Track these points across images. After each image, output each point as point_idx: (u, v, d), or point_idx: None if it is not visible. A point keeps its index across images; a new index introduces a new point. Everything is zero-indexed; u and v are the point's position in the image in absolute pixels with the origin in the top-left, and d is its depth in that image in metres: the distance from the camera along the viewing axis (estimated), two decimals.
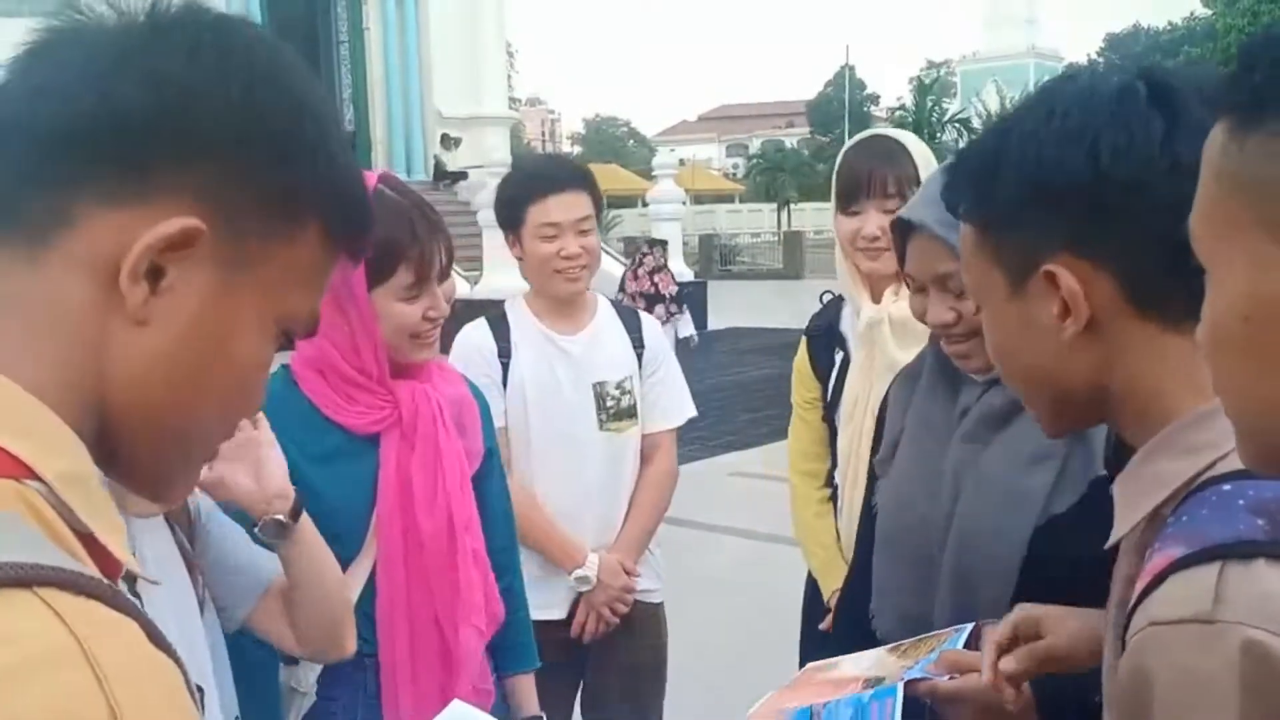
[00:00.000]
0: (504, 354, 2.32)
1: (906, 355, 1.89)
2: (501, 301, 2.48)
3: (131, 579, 1.23)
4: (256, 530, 1.40)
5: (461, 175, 18.34)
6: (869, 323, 2.08)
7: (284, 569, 1.43)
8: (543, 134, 65.57)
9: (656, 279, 10.70)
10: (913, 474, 1.47)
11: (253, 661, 1.58)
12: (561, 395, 2.32)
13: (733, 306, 17.19)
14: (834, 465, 2.23)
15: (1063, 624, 1.12)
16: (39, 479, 0.55)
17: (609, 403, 2.36)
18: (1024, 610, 1.15)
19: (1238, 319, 0.63)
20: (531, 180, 2.32)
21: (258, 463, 1.39)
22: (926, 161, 2.07)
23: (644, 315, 2.54)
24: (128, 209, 0.59)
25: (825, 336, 2.28)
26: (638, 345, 2.44)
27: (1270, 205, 0.59)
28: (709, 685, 3.45)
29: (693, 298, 15.02)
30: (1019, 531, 1.31)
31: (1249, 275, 0.61)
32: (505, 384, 2.32)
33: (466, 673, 1.71)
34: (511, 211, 2.30)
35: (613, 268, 16.01)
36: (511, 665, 1.95)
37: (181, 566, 1.33)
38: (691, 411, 2.55)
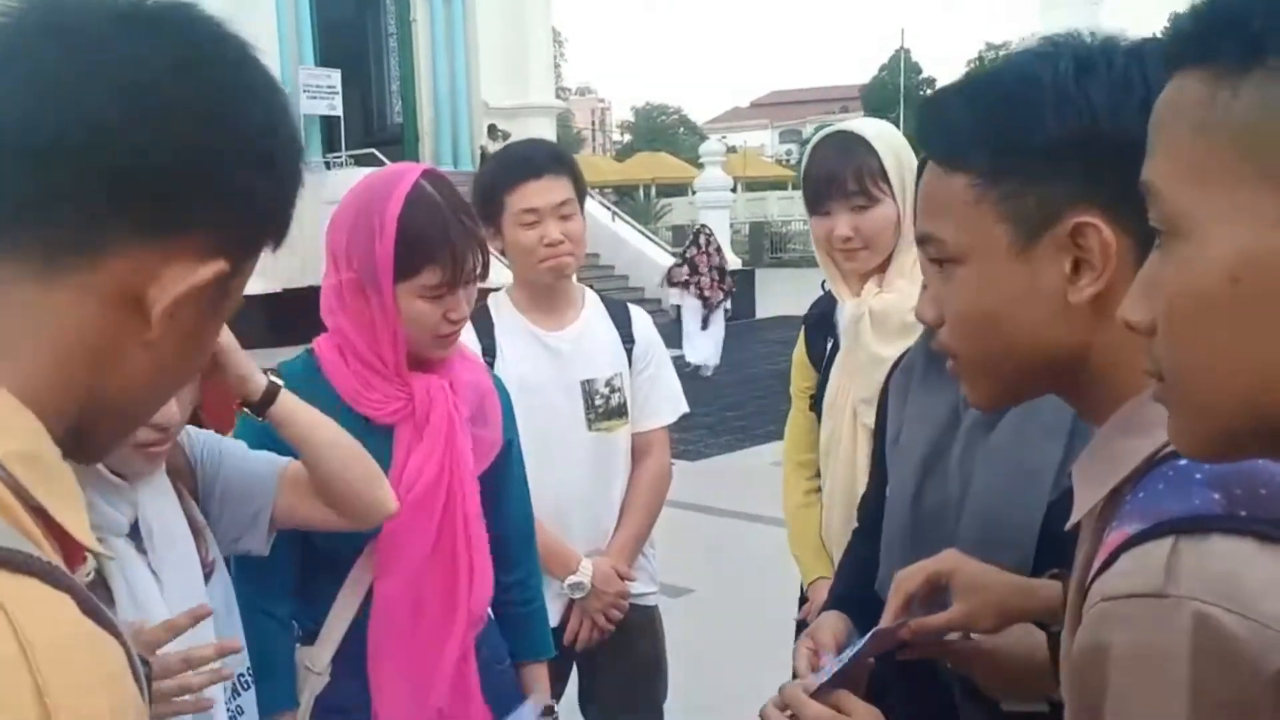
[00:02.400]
0: (488, 352, 2.26)
1: (887, 349, 1.87)
2: (484, 304, 2.42)
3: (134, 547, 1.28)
4: (245, 411, 1.46)
5: None
6: (851, 317, 2.06)
7: (299, 451, 1.50)
8: (592, 123, 65.58)
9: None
10: (919, 463, 1.45)
11: (268, 641, 1.63)
12: (548, 394, 2.26)
13: (782, 294, 17.07)
14: None
15: (973, 592, 1.14)
16: None
17: (598, 401, 2.31)
18: (942, 562, 1.17)
19: (1222, 281, 0.58)
20: (508, 168, 2.26)
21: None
22: (893, 149, 2.00)
23: (634, 308, 2.46)
24: (159, 244, 0.63)
25: (820, 324, 2.24)
26: (627, 340, 2.37)
27: (1274, 153, 0.56)
28: (749, 674, 3.45)
29: (741, 287, 14.98)
30: (1034, 507, 1.28)
31: (1244, 232, 0.57)
32: None
33: (460, 662, 1.73)
34: (489, 201, 2.24)
35: (659, 256, 16.07)
36: (526, 653, 1.97)
37: (188, 535, 1.38)
38: (684, 408, 2.47)
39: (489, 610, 1.86)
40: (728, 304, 11.57)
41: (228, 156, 0.65)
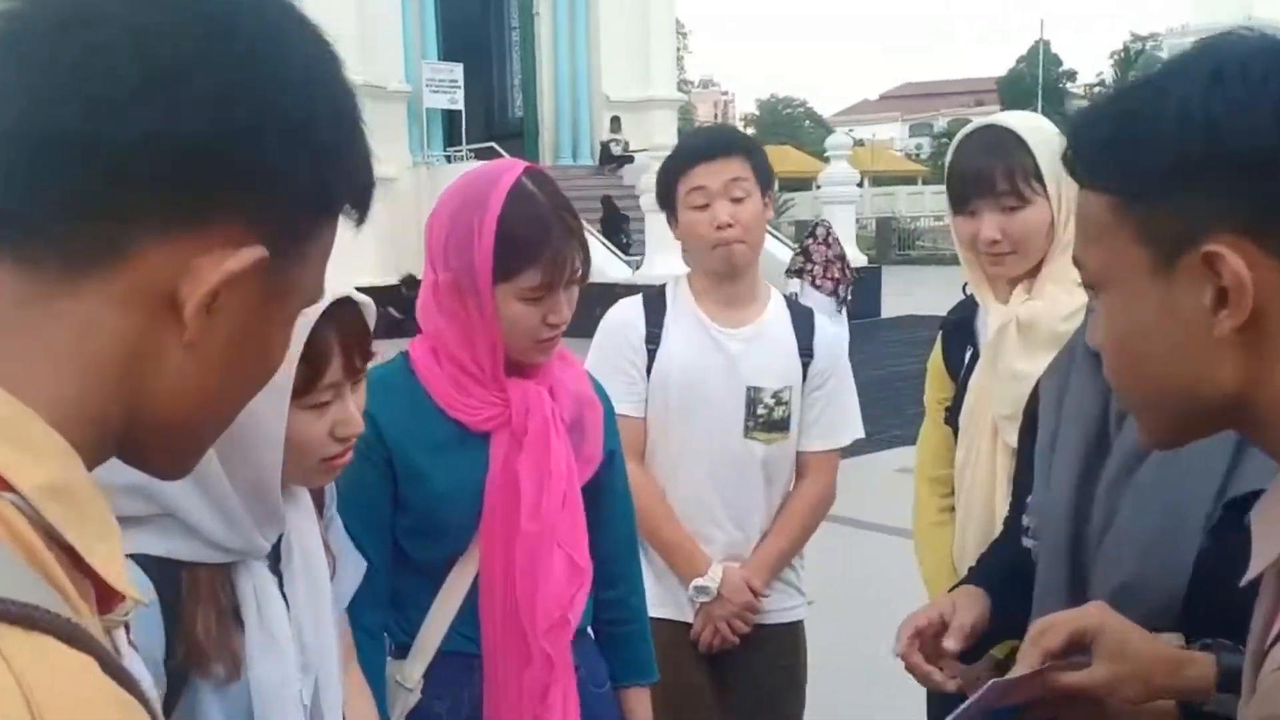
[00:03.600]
0: (652, 339, 2.22)
1: (1032, 363, 1.74)
2: (663, 286, 2.37)
3: (277, 557, 1.26)
4: None
5: (628, 159, 18.45)
6: (995, 325, 1.92)
7: None
8: (715, 116, 65.44)
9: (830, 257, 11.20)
10: (1078, 469, 1.34)
11: (361, 654, 1.60)
12: (710, 393, 2.19)
13: (908, 293, 16.73)
14: None
15: (1121, 659, 1.05)
16: (16, 491, 0.52)
17: (760, 410, 2.22)
18: (1087, 618, 1.08)
19: None
20: (683, 151, 2.23)
21: None
22: (1048, 145, 1.85)
23: (820, 319, 2.36)
24: (184, 239, 0.57)
25: (959, 332, 2.11)
26: (805, 353, 2.26)
27: None
28: (865, 693, 3.34)
29: (865, 284, 14.72)
30: (1184, 549, 1.17)
31: None
32: (650, 371, 2.23)
33: (563, 676, 1.67)
34: (665, 188, 2.21)
35: (780, 252, 15.88)
36: (627, 676, 1.90)
37: (323, 556, 1.35)
38: (858, 433, 2.36)
39: (589, 630, 1.80)
40: (847, 296, 11.68)
41: (252, 134, 0.58)
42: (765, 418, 2.22)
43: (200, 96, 0.56)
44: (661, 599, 2.21)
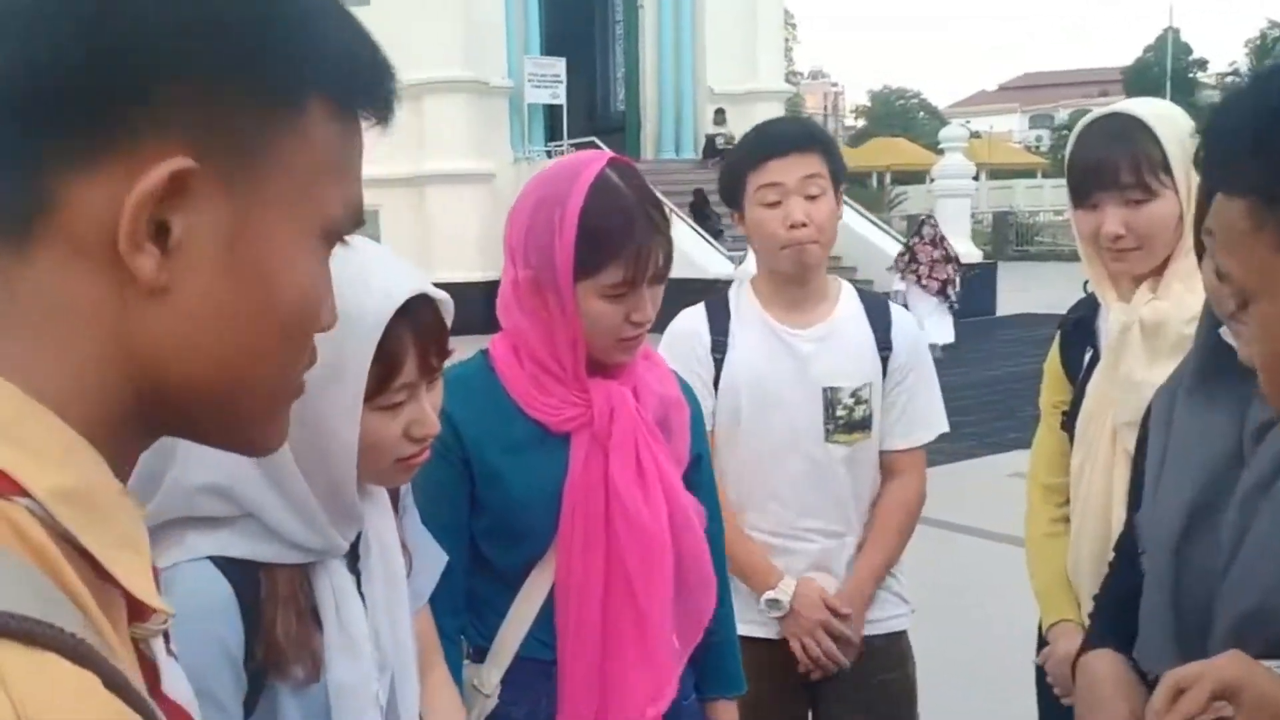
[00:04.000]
0: (718, 348, 2.15)
1: (1155, 369, 1.64)
2: (726, 292, 2.31)
3: (354, 556, 1.26)
4: None
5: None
6: (1117, 326, 1.82)
7: None
8: (824, 108, 64.71)
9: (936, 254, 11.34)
10: (1184, 508, 1.26)
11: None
12: (783, 397, 2.13)
13: (1026, 290, 16.33)
14: None
15: (1261, 710, 0.97)
16: (30, 496, 0.50)
17: (839, 412, 2.14)
18: (1225, 671, 1.00)
19: None
20: (752, 144, 2.14)
21: None
22: (1177, 135, 1.75)
23: (896, 310, 2.27)
24: (108, 169, 0.52)
25: (1079, 332, 2.01)
26: (884, 346, 2.17)
27: None
28: (973, 709, 3.25)
29: (980, 280, 14.40)
30: None
31: None
32: (718, 382, 2.17)
33: (652, 689, 1.63)
34: (732, 183, 2.13)
35: (889, 246, 15.61)
36: (714, 689, 1.85)
37: (400, 555, 1.34)
38: (943, 427, 2.27)
39: (673, 640, 1.76)
40: (952, 297, 11.69)
41: (139, 34, 0.52)
42: (845, 418, 2.14)
43: (66, 3, 0.52)
44: (755, 615, 2.16)
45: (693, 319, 2.24)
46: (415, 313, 1.19)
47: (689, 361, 2.15)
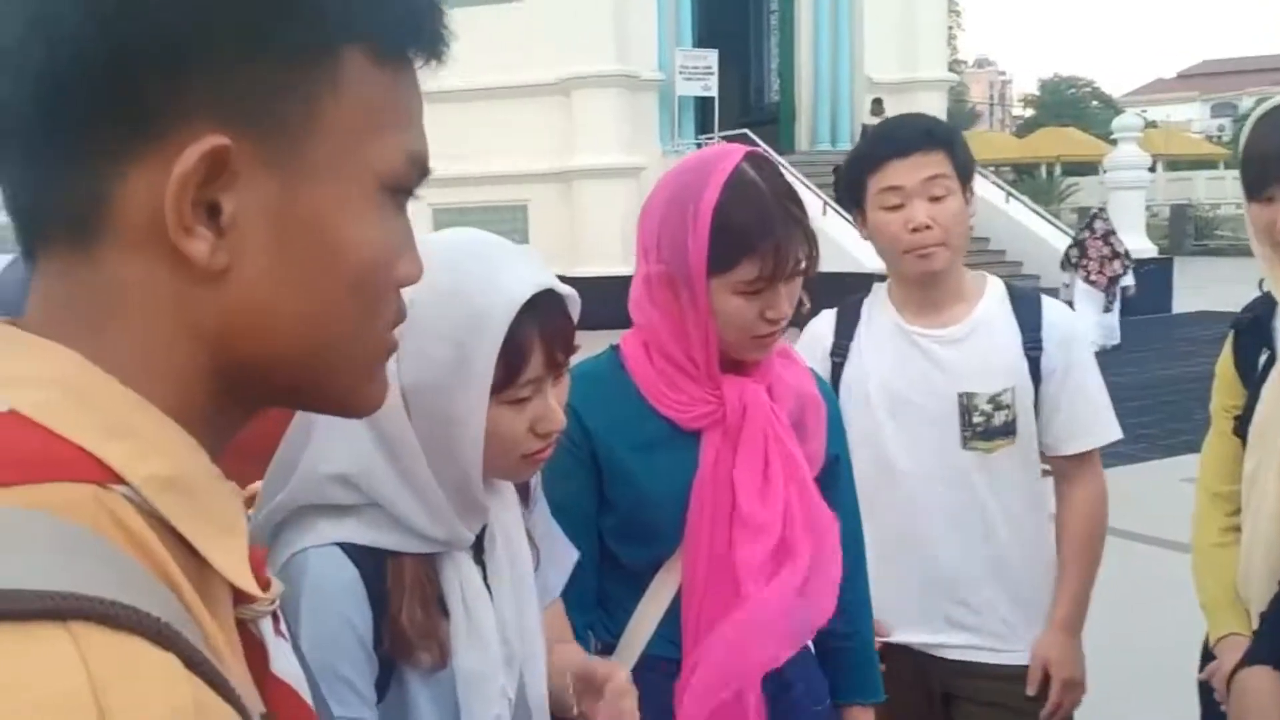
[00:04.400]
0: (838, 351, 2.11)
1: None
2: (862, 296, 2.26)
3: (481, 548, 1.29)
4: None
5: None
6: None
7: None
8: (990, 97, 62.88)
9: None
10: None
11: None
12: (914, 403, 2.06)
13: (1205, 287, 15.56)
14: None
15: None
16: (127, 484, 0.52)
17: (976, 418, 2.05)
18: None
19: None
20: (873, 144, 2.08)
21: None
22: None
23: (1049, 304, 2.13)
24: (148, 159, 0.53)
25: (1253, 332, 1.91)
26: (1033, 346, 2.06)
27: None
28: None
29: (1154, 276, 13.77)
30: None
31: None
32: (838, 386, 2.12)
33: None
34: (852, 185, 2.07)
35: (1058, 240, 15.05)
36: (849, 694, 1.82)
37: (527, 547, 1.37)
38: (1114, 431, 2.13)
39: (809, 644, 1.74)
40: (1115, 296, 11.37)
41: (141, 18, 0.52)
42: (983, 425, 2.05)
43: (78, 5, 0.52)
44: (904, 621, 2.11)
45: (821, 322, 2.21)
46: (541, 309, 1.20)
47: (809, 362, 2.12)
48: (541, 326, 1.21)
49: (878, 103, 18.21)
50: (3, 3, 0.53)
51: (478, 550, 1.30)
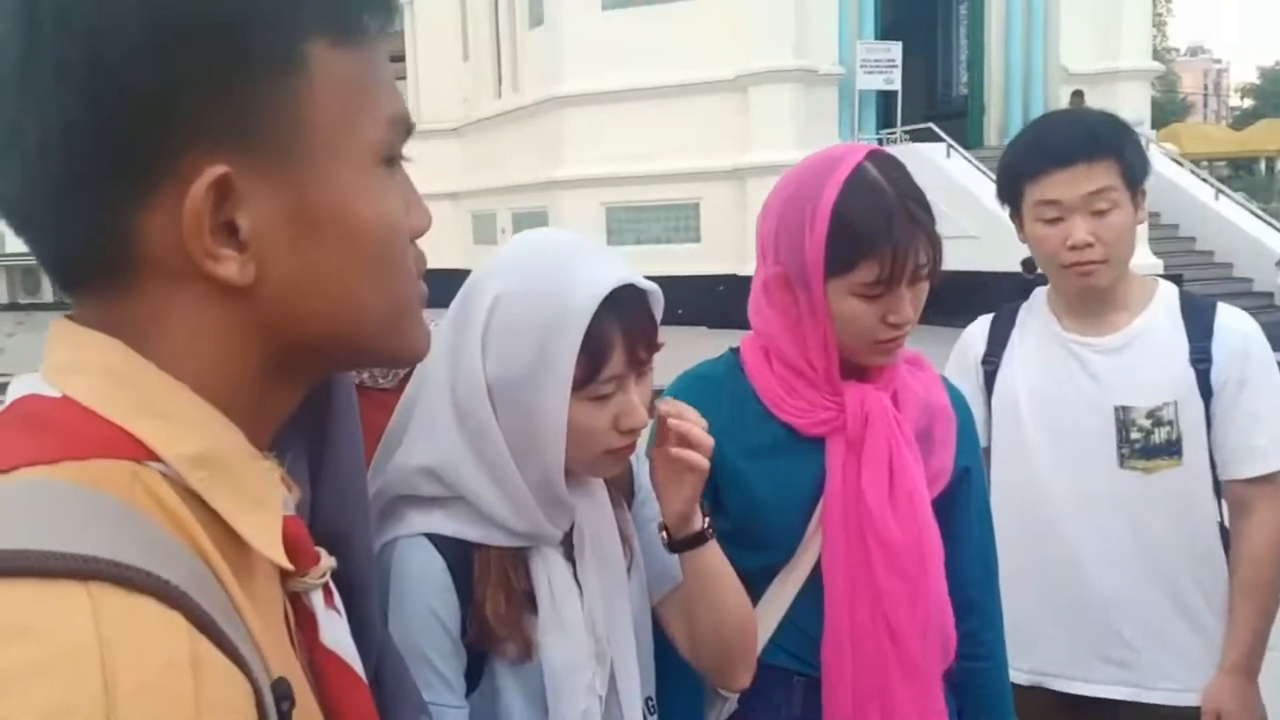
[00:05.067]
0: (990, 358, 2.05)
1: None
2: (1019, 302, 2.20)
3: (569, 545, 1.34)
4: (663, 538, 1.41)
5: None
6: None
7: (692, 594, 1.43)
8: (1204, 87, 59.52)
9: None
10: None
11: (675, 658, 1.63)
12: (1067, 415, 1.99)
13: None
14: None
15: None
16: (161, 460, 0.58)
17: (1133, 434, 1.96)
18: None
19: None
20: (1032, 149, 1.99)
21: (683, 481, 1.38)
22: None
23: (1225, 313, 2.00)
24: (160, 199, 0.59)
25: None
26: (1201, 358, 1.96)
27: None
28: None
29: None
30: None
31: None
32: (991, 396, 2.07)
33: (922, 705, 1.60)
34: (1009, 186, 2.01)
35: (1275, 242, 14.15)
36: (980, 718, 1.77)
37: (617, 545, 1.40)
38: None
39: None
40: None
41: (132, 78, 0.57)
42: (1142, 442, 1.95)
43: (54, 77, 0.56)
44: (1049, 657, 2.05)
45: (976, 327, 2.16)
46: (623, 305, 1.24)
47: (959, 369, 2.08)
48: (623, 322, 1.24)
49: (1077, 95, 17.50)
50: None
51: (569, 547, 1.34)
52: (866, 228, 1.50)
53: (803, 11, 15.91)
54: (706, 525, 1.40)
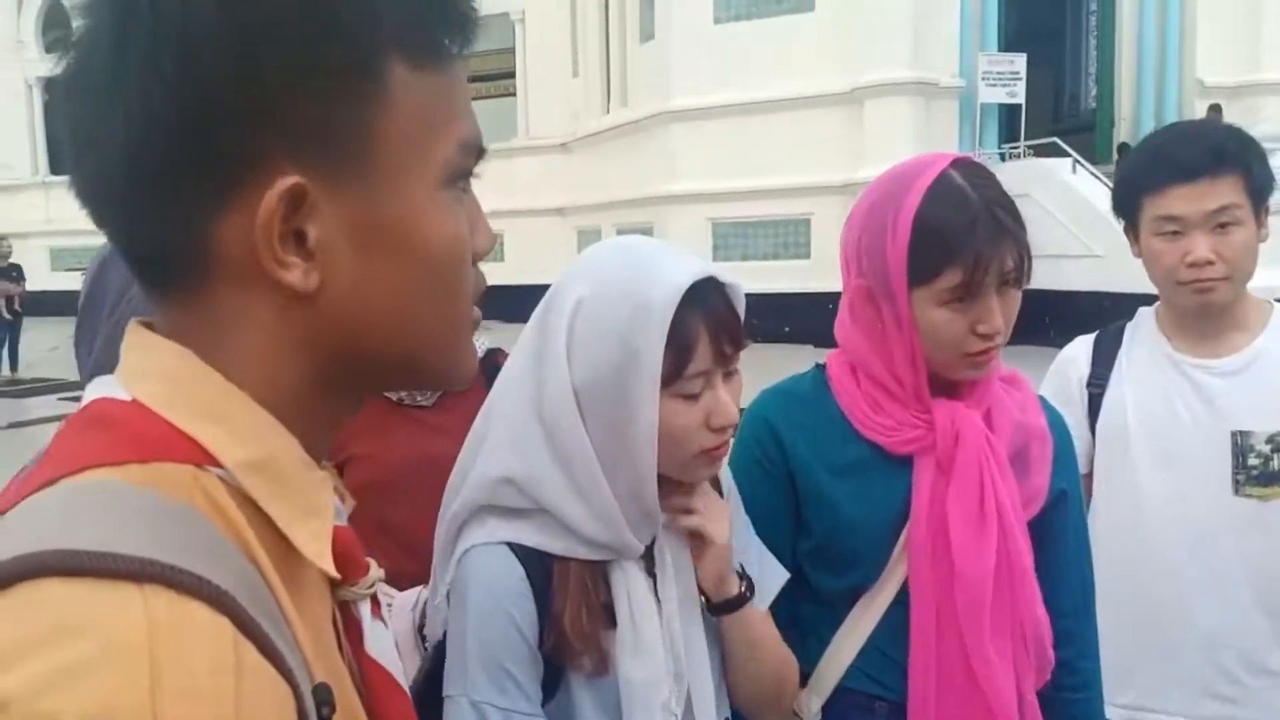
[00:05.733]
0: (1096, 380, 2.02)
1: None
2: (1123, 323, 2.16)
3: (650, 560, 1.36)
4: (702, 601, 1.42)
5: None
6: None
7: (731, 650, 1.44)
8: None
9: None
10: None
11: None
12: (1180, 440, 1.94)
13: None
14: None
15: None
16: (220, 466, 0.61)
17: (1252, 460, 1.91)
18: None
19: None
20: (1153, 163, 1.95)
21: (704, 553, 1.39)
22: None
23: None
24: (236, 206, 0.62)
25: None
26: None
27: None
28: None
29: None
30: None
31: None
32: (1096, 419, 2.03)
33: None
34: (1126, 199, 1.98)
35: None
36: None
37: (688, 559, 1.40)
38: None
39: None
40: None
41: (206, 89, 0.60)
42: (1260, 468, 1.90)
43: (143, 77, 0.60)
44: (1155, 694, 1.99)
45: (1077, 346, 2.12)
46: (705, 298, 1.26)
47: (1060, 393, 2.04)
48: (706, 316, 1.27)
49: (1215, 109, 16.96)
50: (87, 85, 0.63)
51: (649, 562, 1.35)
52: (949, 233, 1.48)
53: (921, 23, 15.73)
54: (744, 588, 1.42)
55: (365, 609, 0.74)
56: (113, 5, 0.61)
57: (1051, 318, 11.30)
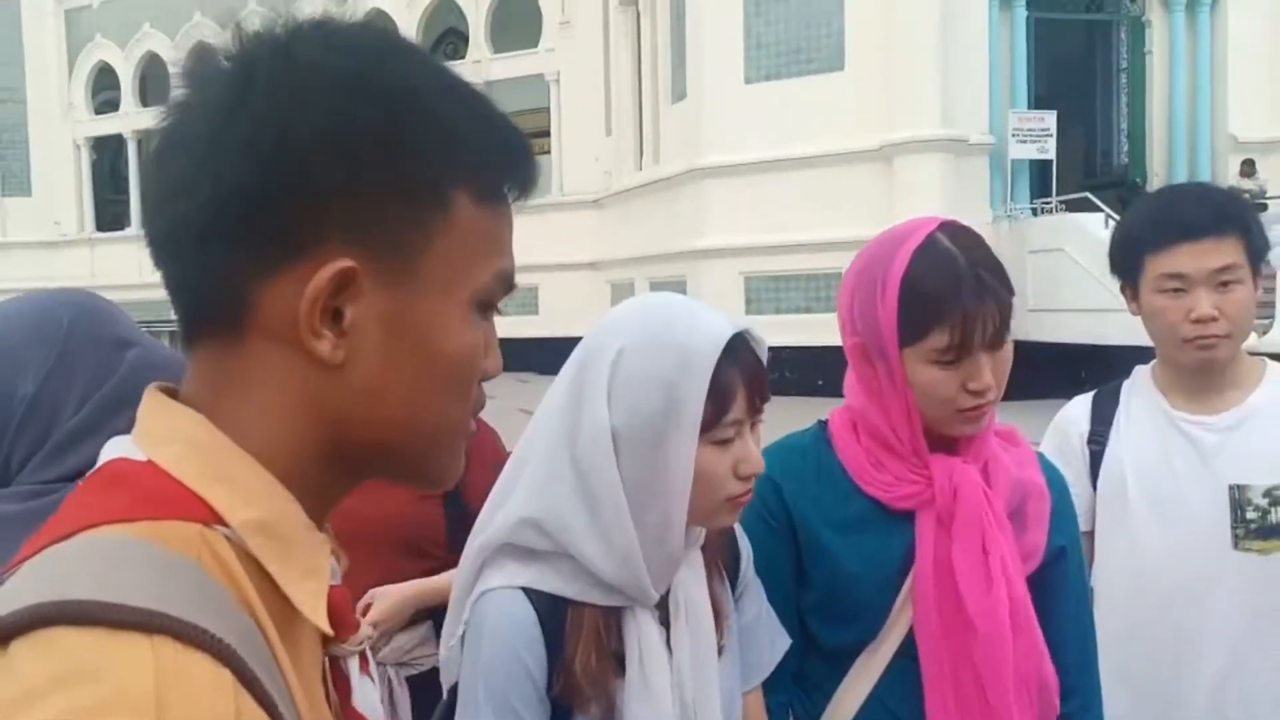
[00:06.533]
0: (1096, 439, 2.04)
1: None
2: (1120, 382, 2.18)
3: (665, 610, 1.40)
4: None
5: (1261, 207, 16.62)
6: None
7: None
8: None
9: None
10: None
11: None
12: (1178, 495, 1.96)
13: None
14: None
15: None
16: (226, 525, 0.66)
17: (1250, 514, 1.92)
18: None
19: None
20: (1156, 223, 2.00)
21: None
22: None
23: None
24: (287, 274, 0.67)
25: None
26: None
27: None
28: None
29: None
30: None
31: None
32: (1096, 476, 2.05)
33: None
34: (1126, 257, 2.02)
35: None
36: None
37: (709, 615, 1.45)
38: None
39: None
40: None
41: (297, 167, 0.66)
42: (1258, 522, 1.91)
43: (238, 143, 0.66)
44: None
45: (1076, 405, 2.15)
46: (740, 352, 1.35)
47: (1061, 450, 2.06)
48: (741, 368, 1.35)
49: (1248, 164, 16.92)
50: (185, 143, 0.69)
51: (663, 612, 1.39)
52: (935, 294, 1.53)
53: (951, 81, 15.82)
54: None
55: (354, 665, 0.78)
56: (232, 79, 0.68)
57: (1087, 372, 11.22)
